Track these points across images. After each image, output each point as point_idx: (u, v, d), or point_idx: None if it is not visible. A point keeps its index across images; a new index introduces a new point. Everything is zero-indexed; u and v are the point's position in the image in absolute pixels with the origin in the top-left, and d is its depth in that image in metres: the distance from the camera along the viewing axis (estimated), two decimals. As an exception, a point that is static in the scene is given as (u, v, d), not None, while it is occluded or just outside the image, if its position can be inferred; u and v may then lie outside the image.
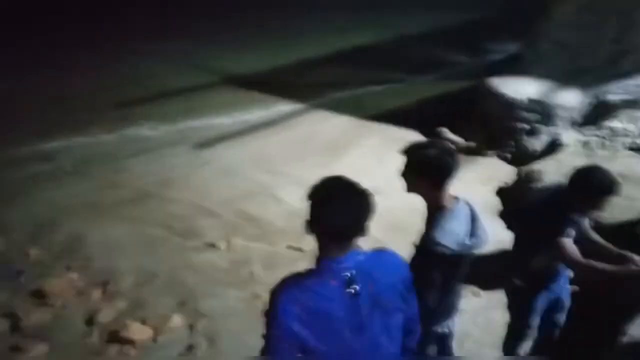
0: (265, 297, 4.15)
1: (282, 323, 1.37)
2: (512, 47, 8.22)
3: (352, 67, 10.12)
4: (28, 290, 3.92)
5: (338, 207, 1.37)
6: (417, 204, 2.14)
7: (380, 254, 1.53)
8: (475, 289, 3.88)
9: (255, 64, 10.12)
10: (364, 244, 1.54)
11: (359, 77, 9.60)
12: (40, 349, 3.29)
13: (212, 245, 4.56)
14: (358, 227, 1.41)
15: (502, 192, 5.16)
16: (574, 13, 6.47)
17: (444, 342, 2.27)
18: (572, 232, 2.34)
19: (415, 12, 13.20)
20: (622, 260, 2.30)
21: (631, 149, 4.68)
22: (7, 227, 4.83)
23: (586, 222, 2.50)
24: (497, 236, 4.46)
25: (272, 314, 1.40)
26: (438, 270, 1.94)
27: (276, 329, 1.38)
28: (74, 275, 4.05)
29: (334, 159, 6.31)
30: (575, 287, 2.77)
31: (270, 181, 5.78)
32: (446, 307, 2.13)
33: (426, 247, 1.93)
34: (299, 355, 1.39)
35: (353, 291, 1.39)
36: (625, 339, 2.61)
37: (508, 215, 4.79)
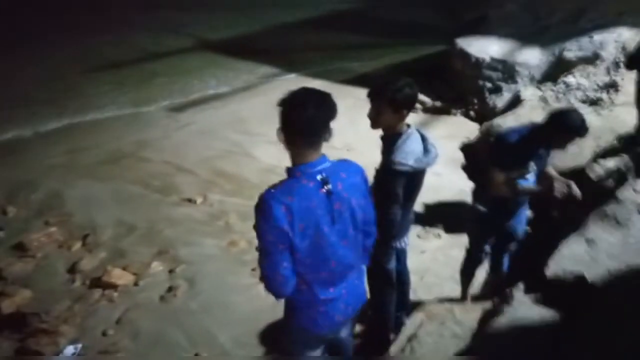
0: (242, 244, 4.32)
1: (274, 226, 1.53)
2: (482, 10, 8.42)
3: (328, 31, 10.17)
4: (8, 245, 4.05)
5: (313, 111, 1.55)
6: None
7: (343, 161, 1.74)
8: (437, 231, 4.16)
9: (232, 30, 10.11)
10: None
11: (334, 42, 9.67)
12: (25, 294, 3.45)
13: (189, 200, 4.72)
14: (327, 128, 1.60)
15: (465, 148, 5.42)
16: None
17: (400, 257, 2.58)
18: (534, 166, 2.59)
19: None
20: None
21: (583, 101, 4.98)
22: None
23: (548, 158, 2.73)
24: (459, 186, 4.77)
25: (263, 219, 1.54)
26: (401, 187, 2.20)
27: (269, 232, 1.54)
28: (53, 230, 4.18)
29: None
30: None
31: (245, 141, 5.90)
32: (404, 224, 2.40)
33: (390, 168, 2.17)
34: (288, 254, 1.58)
35: (326, 190, 1.59)
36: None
37: (470, 168, 5.07)
